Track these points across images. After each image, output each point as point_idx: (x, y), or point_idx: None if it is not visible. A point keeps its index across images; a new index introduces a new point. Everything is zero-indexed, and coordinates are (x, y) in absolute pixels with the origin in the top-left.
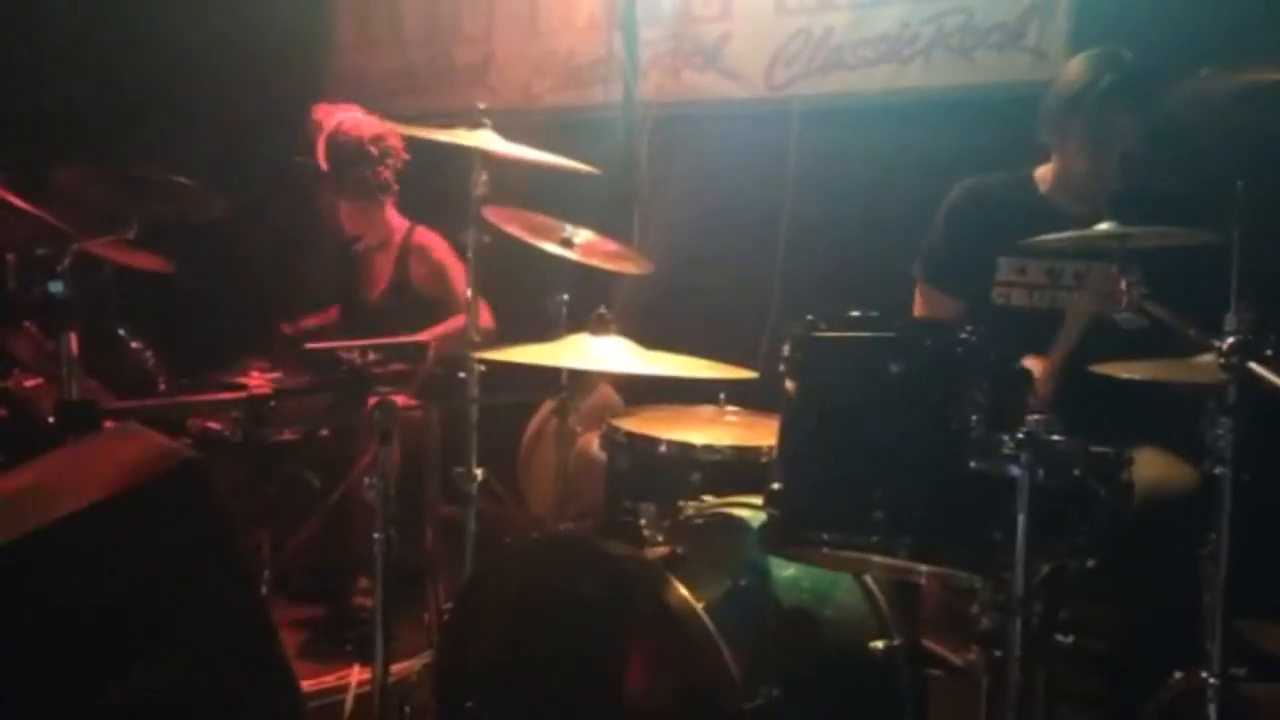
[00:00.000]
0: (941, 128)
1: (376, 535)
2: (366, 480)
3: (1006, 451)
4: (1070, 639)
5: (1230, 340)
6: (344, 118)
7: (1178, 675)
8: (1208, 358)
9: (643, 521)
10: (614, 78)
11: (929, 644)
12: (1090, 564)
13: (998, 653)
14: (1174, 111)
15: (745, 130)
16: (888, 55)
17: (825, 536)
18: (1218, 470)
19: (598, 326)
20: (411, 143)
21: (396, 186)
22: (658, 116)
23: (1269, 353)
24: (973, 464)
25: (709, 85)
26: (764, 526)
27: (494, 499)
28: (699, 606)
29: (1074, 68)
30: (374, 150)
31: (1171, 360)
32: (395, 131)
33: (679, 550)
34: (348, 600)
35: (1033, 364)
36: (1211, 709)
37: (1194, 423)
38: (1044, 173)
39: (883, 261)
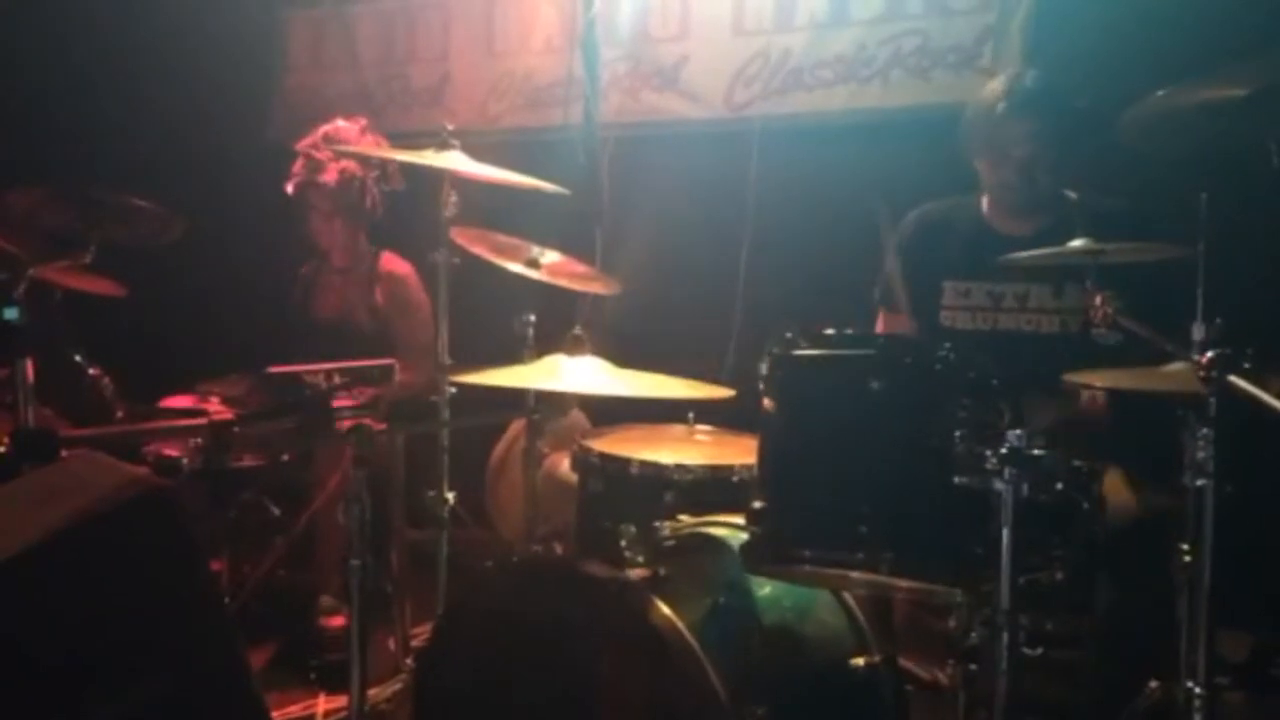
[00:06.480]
0: (900, 147)
1: (353, 561)
2: (342, 505)
3: (990, 466)
4: (1039, 650)
5: (1210, 354)
6: (354, 148)
7: (1154, 685)
8: (1177, 366)
9: (623, 542)
10: (573, 99)
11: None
12: (1064, 576)
13: (973, 666)
14: (1132, 131)
15: (706, 150)
16: (846, 76)
17: (809, 554)
18: (1200, 482)
19: (573, 347)
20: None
21: None
22: (618, 137)
23: (1246, 365)
24: (957, 479)
25: (669, 106)
26: (746, 546)
27: (459, 522)
28: (683, 626)
29: (981, 90)
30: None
31: (1142, 370)
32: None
33: (660, 571)
34: (312, 622)
35: None
36: (1198, 718)
37: (1155, 436)
38: (986, 196)
39: (843, 278)
